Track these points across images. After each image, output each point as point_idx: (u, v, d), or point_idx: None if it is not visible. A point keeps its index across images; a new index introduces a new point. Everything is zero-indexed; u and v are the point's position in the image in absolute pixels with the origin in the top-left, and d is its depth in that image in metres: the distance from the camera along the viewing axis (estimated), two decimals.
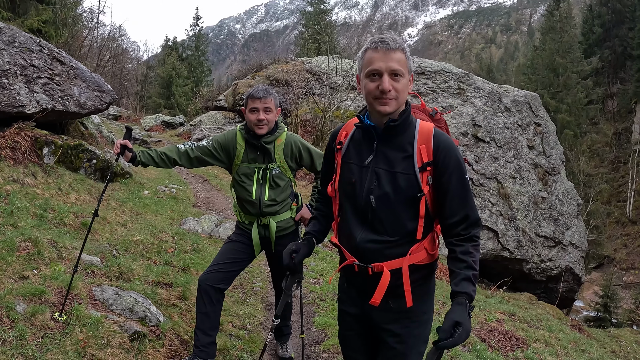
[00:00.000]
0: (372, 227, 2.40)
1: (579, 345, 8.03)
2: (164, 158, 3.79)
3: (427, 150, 2.32)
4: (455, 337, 2.02)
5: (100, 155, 8.65)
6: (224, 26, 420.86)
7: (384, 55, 2.28)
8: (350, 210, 2.49)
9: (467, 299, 2.17)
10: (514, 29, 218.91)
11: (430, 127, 2.38)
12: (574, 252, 17.04)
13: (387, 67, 2.27)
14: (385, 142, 2.40)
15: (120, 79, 39.23)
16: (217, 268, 3.93)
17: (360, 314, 2.56)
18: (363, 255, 2.42)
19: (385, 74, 2.27)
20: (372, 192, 2.38)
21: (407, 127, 2.38)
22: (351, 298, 2.61)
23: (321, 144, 15.84)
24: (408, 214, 2.34)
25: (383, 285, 2.33)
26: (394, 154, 2.37)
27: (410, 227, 2.35)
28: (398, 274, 2.35)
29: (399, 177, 2.33)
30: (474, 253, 2.29)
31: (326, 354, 4.94)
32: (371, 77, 2.32)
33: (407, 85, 2.34)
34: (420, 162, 2.31)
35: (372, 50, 2.31)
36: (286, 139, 3.99)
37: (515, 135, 16.78)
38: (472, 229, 2.34)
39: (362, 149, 2.47)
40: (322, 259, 8.26)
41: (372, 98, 2.33)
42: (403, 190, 2.32)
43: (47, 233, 5.25)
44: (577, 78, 46.41)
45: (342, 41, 52.70)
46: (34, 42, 8.27)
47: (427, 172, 2.31)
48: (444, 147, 2.32)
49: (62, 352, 3.28)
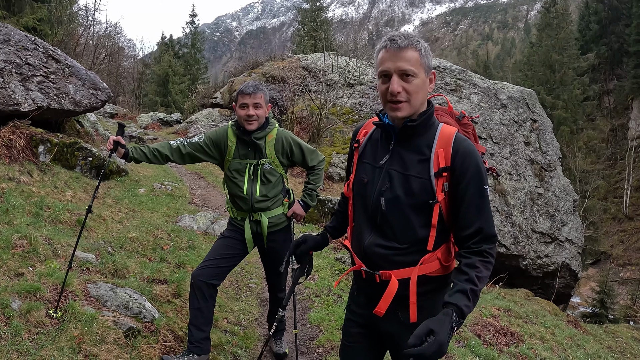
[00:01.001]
0: (381, 231, 2.29)
1: (575, 341, 8.06)
2: (156, 154, 3.81)
3: (445, 155, 2.18)
4: (424, 347, 1.86)
5: (96, 153, 8.65)
6: (220, 23, 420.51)
7: (393, 55, 2.16)
8: (361, 212, 2.41)
9: (456, 312, 2.00)
10: (511, 25, 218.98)
11: (451, 131, 2.24)
12: (571, 248, 17.07)
13: (396, 68, 2.15)
14: (403, 143, 2.29)
15: (116, 77, 39.11)
16: (209, 264, 3.95)
17: (368, 322, 2.44)
18: (371, 260, 2.32)
19: (395, 75, 2.16)
20: (382, 194, 2.27)
21: (426, 129, 2.26)
22: (360, 306, 2.49)
23: (317, 141, 15.84)
24: (419, 221, 2.22)
25: (389, 295, 2.23)
26: (410, 156, 2.25)
27: (420, 235, 2.22)
28: (406, 285, 2.23)
29: (412, 181, 2.21)
30: (480, 268, 2.12)
31: (320, 350, 4.96)
32: (382, 78, 2.22)
33: (422, 86, 2.20)
34: (437, 166, 2.18)
35: (383, 50, 2.20)
36: (277, 134, 4.00)
37: (511, 132, 16.79)
38: (484, 244, 2.16)
39: (378, 148, 2.38)
40: (317, 255, 8.26)
41: (385, 101, 2.23)
42: (415, 194, 2.20)
43: (42, 231, 5.26)
44: (574, 74, 46.54)
45: (339, 38, 52.70)
46: (29, 40, 8.27)
47: (444, 178, 2.17)
48: (464, 153, 2.18)
49: (57, 348, 3.30)
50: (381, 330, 2.42)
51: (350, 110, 17.70)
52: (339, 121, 16.94)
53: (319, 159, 4.28)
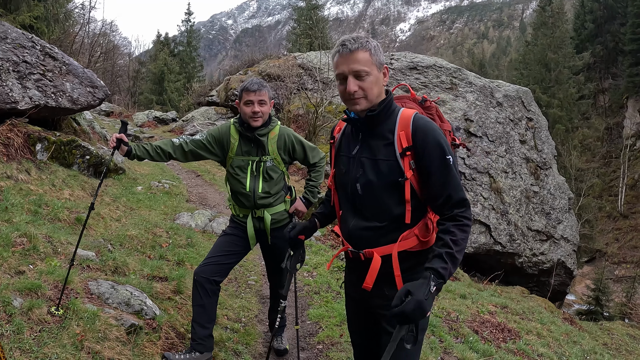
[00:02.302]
0: (361, 214, 2.50)
1: (571, 338, 8.12)
2: (159, 152, 3.81)
3: (406, 136, 2.36)
4: (403, 305, 2.00)
5: (94, 151, 8.64)
6: (215, 21, 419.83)
7: (346, 58, 2.36)
8: (343, 199, 2.62)
9: (433, 274, 2.13)
10: (506, 24, 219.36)
11: (410, 113, 2.42)
12: (566, 246, 17.13)
13: (350, 69, 2.35)
14: (369, 132, 2.49)
15: (112, 75, 39.06)
16: (212, 261, 3.97)
17: (360, 299, 2.64)
18: (356, 241, 2.53)
19: (350, 76, 2.36)
20: (357, 180, 2.48)
21: (387, 116, 2.45)
22: (352, 284, 2.69)
23: (313, 139, 15.84)
24: (393, 199, 2.40)
25: (374, 270, 2.42)
26: (376, 143, 2.45)
27: (396, 212, 2.40)
28: (389, 260, 2.42)
29: (381, 164, 2.41)
30: (455, 232, 2.26)
31: (321, 346, 4.98)
32: (340, 80, 2.42)
33: (376, 81, 2.39)
34: (400, 147, 2.36)
35: (337, 54, 2.39)
36: (279, 131, 4.03)
37: (507, 130, 16.83)
38: (455, 209, 2.31)
39: (350, 141, 2.59)
40: (315, 252, 8.31)
41: (344, 99, 2.45)
42: (385, 176, 2.39)
43: (41, 228, 5.26)
44: (569, 73, 46.54)
45: (335, 36, 52.53)
46: (26, 38, 8.26)
47: (408, 156, 2.35)
48: (422, 130, 2.34)
49: (60, 345, 3.30)
50: (370, 305, 2.60)
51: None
52: (335, 119, 16.94)
53: (320, 156, 4.31)
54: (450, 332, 5.99)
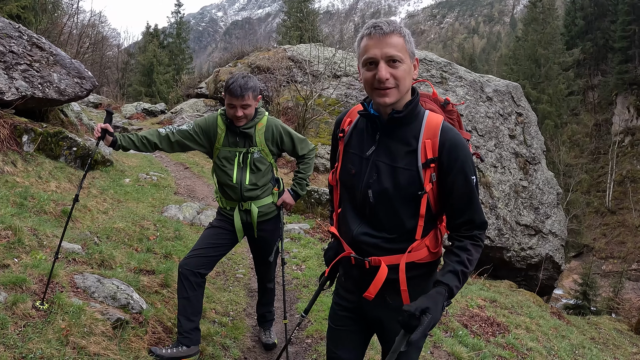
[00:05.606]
0: (370, 222, 2.29)
1: (560, 332, 8.17)
2: (144, 142, 3.74)
3: (432, 146, 2.15)
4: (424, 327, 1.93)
5: (81, 142, 8.54)
6: (205, 13, 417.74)
7: (379, 41, 2.09)
8: (349, 202, 2.39)
9: (447, 291, 2.06)
10: (497, 19, 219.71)
11: (438, 121, 2.21)
12: (554, 240, 17.24)
13: (383, 54, 2.08)
14: (389, 133, 2.25)
15: (100, 67, 38.77)
16: (197, 253, 3.92)
17: (356, 307, 2.46)
18: (360, 248, 2.32)
19: (382, 62, 2.09)
20: (370, 186, 2.24)
21: (413, 118, 2.21)
22: (348, 291, 2.49)
23: (303, 132, 15.78)
24: (407, 212, 2.21)
25: (379, 280, 2.24)
26: (397, 147, 2.21)
27: (409, 225, 2.23)
28: (395, 270, 2.24)
29: (400, 173, 2.18)
30: (471, 251, 2.18)
31: (309, 340, 4.96)
32: (367, 66, 2.15)
33: (408, 71, 2.14)
34: (424, 157, 2.15)
35: (366, 37, 2.13)
36: (267, 122, 3.98)
37: (496, 125, 16.88)
38: (475, 230, 2.22)
39: (364, 138, 2.33)
40: (304, 245, 8.27)
41: (371, 89, 2.17)
42: (403, 187, 2.18)
43: (27, 221, 5.18)
44: (559, 69, 46.81)
45: (325, 29, 52.47)
46: (13, 27, 8.14)
47: (431, 169, 2.15)
48: (451, 144, 2.14)
49: (45, 340, 3.24)
50: (369, 315, 2.44)
51: (336, 101, 17.67)
52: (324, 112, 16.92)
53: (309, 147, 4.25)
54: (440, 326, 5.98)
